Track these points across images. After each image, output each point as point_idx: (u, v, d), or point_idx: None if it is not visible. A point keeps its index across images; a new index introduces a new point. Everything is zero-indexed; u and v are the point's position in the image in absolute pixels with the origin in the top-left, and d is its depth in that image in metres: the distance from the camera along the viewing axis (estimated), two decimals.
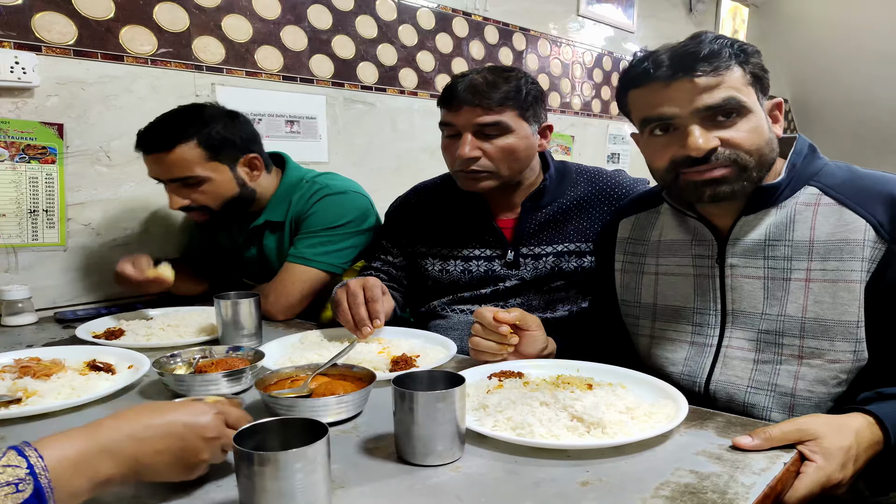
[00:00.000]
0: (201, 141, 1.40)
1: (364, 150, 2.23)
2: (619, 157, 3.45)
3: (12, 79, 1.45)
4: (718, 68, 0.89)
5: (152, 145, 1.39)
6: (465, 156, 1.26)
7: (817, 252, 0.92)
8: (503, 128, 1.27)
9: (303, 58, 2.02)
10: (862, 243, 0.89)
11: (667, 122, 0.93)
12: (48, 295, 1.58)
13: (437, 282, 1.43)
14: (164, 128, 1.39)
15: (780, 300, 0.95)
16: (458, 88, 1.27)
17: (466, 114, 1.26)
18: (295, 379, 0.92)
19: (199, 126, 1.40)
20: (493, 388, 0.92)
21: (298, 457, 0.57)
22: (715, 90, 0.89)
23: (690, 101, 0.90)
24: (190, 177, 1.41)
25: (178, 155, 1.38)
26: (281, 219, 1.56)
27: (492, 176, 1.30)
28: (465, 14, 2.51)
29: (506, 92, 1.26)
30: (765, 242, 0.97)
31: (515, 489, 0.67)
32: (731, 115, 0.90)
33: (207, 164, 1.42)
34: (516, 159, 1.30)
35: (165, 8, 1.70)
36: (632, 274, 1.15)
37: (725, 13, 4.02)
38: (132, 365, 1.07)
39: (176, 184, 1.42)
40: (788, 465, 0.72)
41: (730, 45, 0.91)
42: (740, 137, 0.90)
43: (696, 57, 0.89)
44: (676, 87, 0.90)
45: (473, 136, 1.27)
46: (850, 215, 0.91)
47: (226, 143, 1.44)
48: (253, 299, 1.23)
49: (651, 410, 0.82)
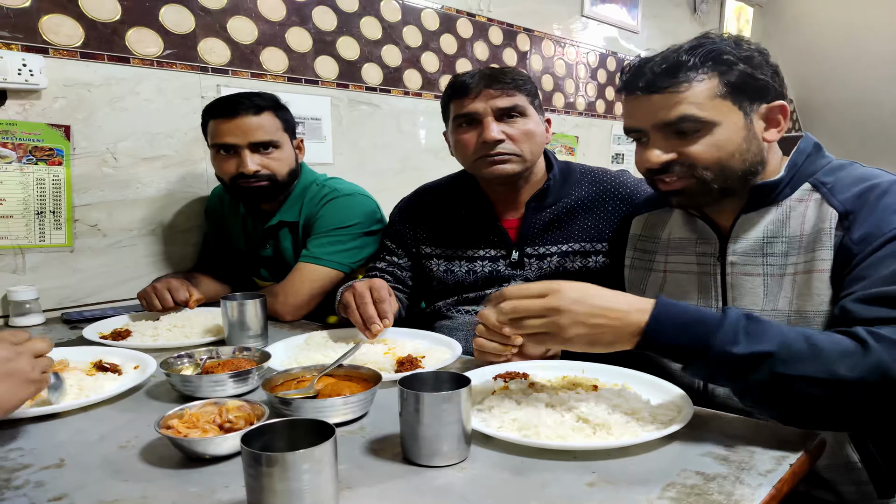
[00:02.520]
0: (278, 114, 1.55)
1: (369, 151, 2.23)
2: (624, 157, 3.44)
3: (20, 81, 1.46)
4: (677, 85, 0.91)
5: (242, 109, 1.49)
6: (491, 138, 1.27)
7: (803, 245, 0.94)
8: (521, 110, 1.30)
9: (307, 59, 2.02)
10: (830, 232, 0.90)
11: (639, 133, 0.97)
12: (55, 296, 1.59)
13: (442, 282, 1.43)
14: (249, 97, 1.51)
15: (776, 296, 0.96)
16: (471, 78, 1.30)
17: (485, 99, 1.28)
18: (301, 380, 0.92)
19: (275, 103, 1.56)
20: (498, 388, 0.92)
21: (306, 457, 0.57)
22: (672, 108, 0.91)
23: (649, 117, 0.94)
24: (270, 141, 1.51)
25: (264, 119, 1.50)
26: (295, 219, 1.60)
27: (517, 159, 1.31)
28: (469, 15, 2.51)
29: (517, 76, 1.30)
30: (763, 240, 0.98)
31: (521, 490, 0.67)
32: (686, 133, 0.92)
33: (282, 134, 1.55)
34: (536, 143, 1.33)
35: (171, 10, 1.70)
36: (640, 271, 1.16)
37: (730, 13, 4.01)
38: (138, 365, 1.08)
39: (254, 147, 1.50)
40: (795, 467, 0.72)
41: (703, 56, 0.91)
42: (697, 151, 0.92)
43: (657, 74, 0.92)
44: (640, 102, 0.95)
45: (496, 120, 1.29)
46: (826, 207, 0.92)
47: (290, 121, 1.60)
48: (259, 300, 1.24)
49: (657, 411, 0.82)
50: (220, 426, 0.78)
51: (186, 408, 0.80)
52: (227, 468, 0.72)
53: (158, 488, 0.68)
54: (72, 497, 0.67)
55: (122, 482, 0.70)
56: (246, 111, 1.48)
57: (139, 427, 0.85)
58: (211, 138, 1.52)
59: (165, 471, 0.72)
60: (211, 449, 0.73)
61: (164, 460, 0.75)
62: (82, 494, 0.68)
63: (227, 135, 1.48)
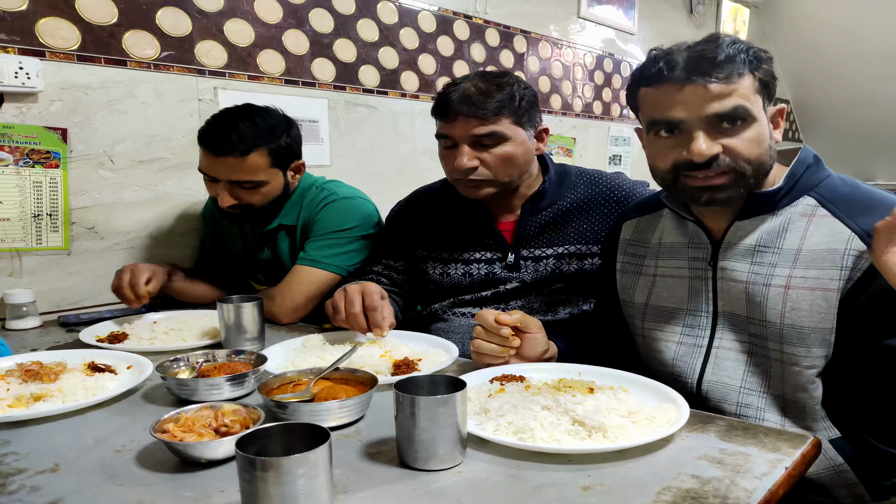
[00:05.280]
0: (271, 150, 1.44)
1: (366, 153, 2.23)
2: (621, 158, 3.45)
3: (16, 84, 1.46)
4: (731, 76, 0.89)
5: (227, 148, 1.40)
6: (463, 167, 1.27)
7: (801, 261, 0.93)
8: (499, 137, 1.27)
9: (304, 61, 2.02)
10: (843, 252, 0.90)
11: (673, 125, 0.94)
12: (52, 299, 1.58)
13: (438, 285, 1.43)
14: (239, 133, 1.40)
15: (760, 305, 0.96)
16: (451, 99, 1.26)
17: (462, 125, 1.26)
18: (297, 383, 0.92)
19: (270, 135, 1.44)
20: (494, 391, 0.92)
21: (301, 462, 0.57)
22: (726, 98, 0.90)
23: (700, 107, 0.90)
24: (254, 181, 1.44)
25: (251, 161, 1.42)
26: (293, 223, 1.60)
27: (491, 183, 1.30)
28: (466, 17, 2.51)
29: (500, 101, 1.25)
30: (755, 248, 0.98)
31: (517, 493, 0.67)
32: (736, 123, 0.91)
33: (269, 171, 1.47)
34: (514, 166, 1.30)
35: (168, 13, 1.70)
36: (630, 275, 1.16)
37: (726, 14, 4.02)
38: (131, 366, 1.08)
39: (233, 185, 1.44)
40: (790, 470, 0.72)
41: (745, 52, 0.91)
42: (742, 146, 0.91)
43: (711, 62, 0.89)
44: (688, 91, 0.91)
45: (470, 147, 1.27)
46: (840, 226, 0.92)
47: (289, 151, 1.50)
48: (255, 303, 1.23)
49: (652, 414, 0.83)
50: (216, 430, 0.78)
51: (182, 411, 0.80)
52: (223, 472, 0.72)
53: (154, 493, 0.68)
54: (67, 502, 0.67)
55: (118, 486, 0.70)
56: (231, 152, 1.39)
57: (135, 431, 0.85)
58: (199, 161, 1.48)
59: (161, 475, 0.72)
60: (206, 453, 0.73)
61: (159, 464, 0.75)
62: (77, 499, 0.67)
63: (210, 168, 1.45)
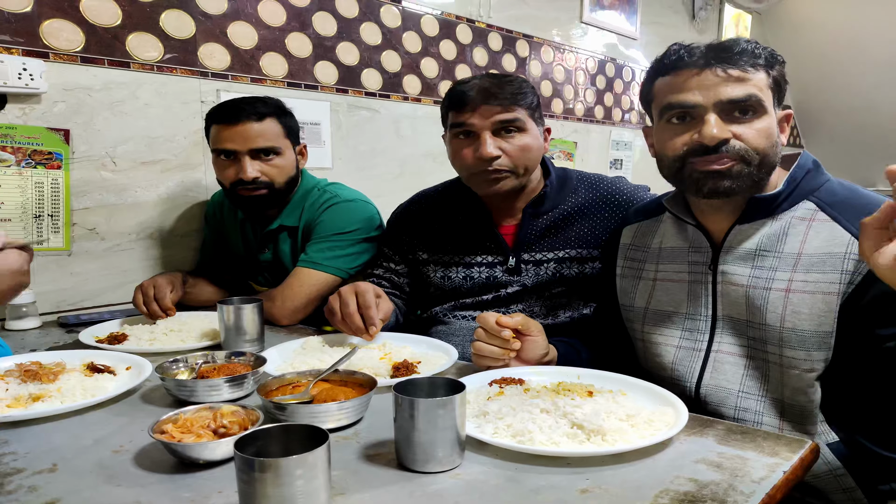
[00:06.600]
0: (281, 121, 1.54)
1: (368, 156, 2.24)
2: (622, 163, 3.45)
3: (20, 85, 1.46)
4: (748, 66, 0.93)
5: (244, 115, 1.48)
6: (488, 154, 1.26)
7: (802, 265, 0.94)
8: (520, 125, 1.28)
9: (307, 64, 2.03)
10: (843, 256, 0.90)
11: (686, 111, 0.96)
12: (52, 299, 1.59)
13: (439, 288, 1.43)
14: (252, 103, 1.51)
15: (761, 309, 0.96)
16: (470, 90, 1.27)
17: (483, 113, 1.27)
18: (296, 385, 0.92)
19: (279, 108, 1.55)
20: (493, 394, 0.92)
21: (299, 463, 0.57)
22: (741, 85, 0.93)
23: (716, 92, 0.93)
24: (271, 147, 1.51)
25: (266, 125, 1.50)
26: (295, 224, 1.61)
27: (512, 175, 1.30)
28: (468, 21, 2.52)
29: (516, 91, 1.28)
30: (755, 252, 0.98)
31: (515, 496, 0.67)
32: (748, 112, 0.94)
33: (284, 140, 1.55)
34: (532, 158, 1.31)
35: (172, 15, 1.71)
36: (630, 279, 1.17)
37: (728, 20, 4.03)
38: (130, 366, 1.08)
39: (254, 154, 1.50)
40: (788, 474, 0.72)
41: (762, 49, 0.95)
42: (751, 135, 0.94)
43: (730, 52, 0.94)
44: (706, 75, 0.94)
45: (492, 135, 1.28)
46: (839, 230, 0.92)
47: (293, 127, 1.60)
48: (255, 305, 1.24)
49: (651, 418, 0.83)
50: (215, 431, 0.78)
51: (181, 412, 0.80)
52: (221, 473, 0.72)
53: (152, 493, 0.68)
54: (65, 502, 0.67)
55: (116, 487, 0.70)
56: (248, 118, 1.48)
57: (133, 431, 0.85)
58: (213, 143, 1.53)
59: (159, 476, 0.72)
60: (205, 454, 0.73)
61: (157, 465, 0.75)
62: (75, 499, 0.67)
63: (228, 141, 1.48)
